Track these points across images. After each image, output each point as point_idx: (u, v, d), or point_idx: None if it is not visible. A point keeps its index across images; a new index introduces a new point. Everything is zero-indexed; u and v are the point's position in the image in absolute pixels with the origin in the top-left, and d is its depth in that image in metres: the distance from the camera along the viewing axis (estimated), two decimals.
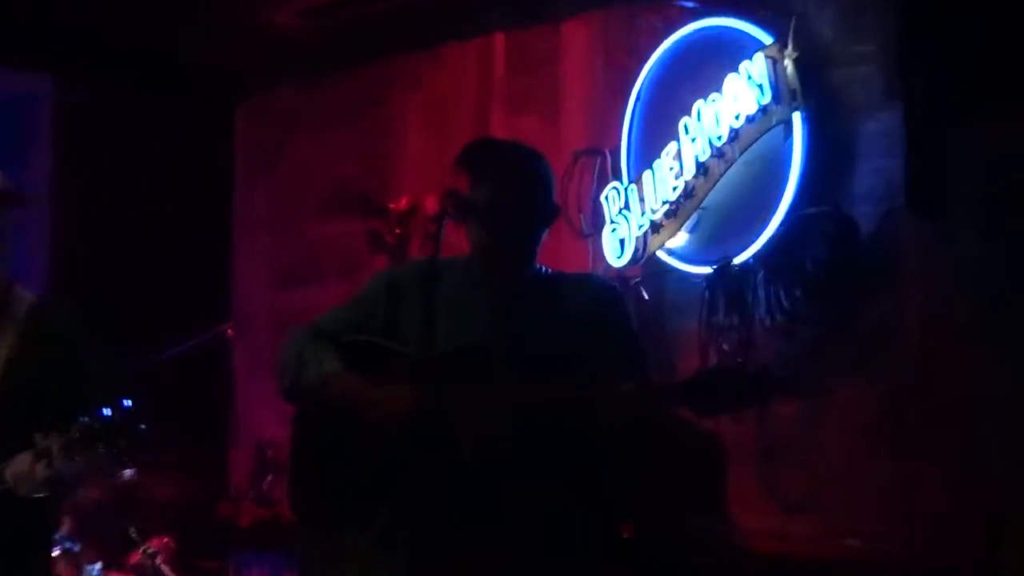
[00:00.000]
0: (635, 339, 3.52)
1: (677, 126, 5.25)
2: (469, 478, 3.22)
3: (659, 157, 5.33)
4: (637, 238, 5.40)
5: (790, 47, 4.91)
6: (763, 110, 4.98)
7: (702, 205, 5.22)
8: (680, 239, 5.33)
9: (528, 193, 3.41)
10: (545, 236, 3.49)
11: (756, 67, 4.98)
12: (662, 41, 5.42)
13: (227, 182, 7.51)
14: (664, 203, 5.32)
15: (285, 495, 3.58)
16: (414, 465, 3.22)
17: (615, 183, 5.53)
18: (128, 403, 3.34)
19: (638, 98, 5.52)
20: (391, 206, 6.49)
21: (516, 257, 3.45)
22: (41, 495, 3.45)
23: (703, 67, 5.25)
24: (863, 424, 4.77)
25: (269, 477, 6.76)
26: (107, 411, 3.31)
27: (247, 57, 7.14)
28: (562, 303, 3.43)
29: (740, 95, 5.02)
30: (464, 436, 3.21)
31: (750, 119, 5.01)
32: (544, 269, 3.51)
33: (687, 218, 5.27)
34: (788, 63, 4.91)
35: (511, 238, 3.42)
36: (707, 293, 5.20)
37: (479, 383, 3.25)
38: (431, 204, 6.23)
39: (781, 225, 4.95)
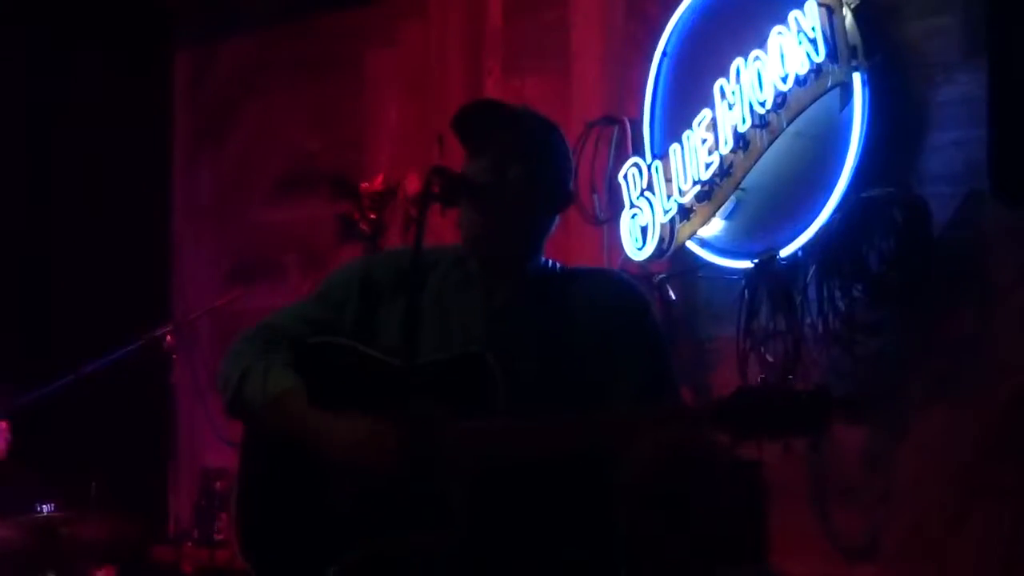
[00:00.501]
0: (666, 353, 3.43)
1: (712, 90, 5.23)
2: (459, 526, 3.12)
3: (690, 128, 5.31)
4: (662, 226, 5.37)
5: None
6: (816, 70, 4.94)
7: (741, 186, 5.20)
8: (714, 227, 5.32)
9: (537, 170, 3.32)
10: (555, 227, 3.41)
11: (808, 18, 4.94)
12: None
13: (165, 155, 7.46)
14: (695, 183, 5.29)
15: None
16: (391, 506, 3.12)
17: (636, 159, 5.50)
18: None
19: (665, 54, 5.51)
20: (364, 186, 6.48)
21: (519, 249, 3.37)
22: None
23: (744, 18, 5.23)
24: (940, 456, 4.73)
25: (217, 513, 6.67)
26: None
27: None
28: (574, 306, 3.34)
29: (788, 52, 4.99)
30: (451, 474, 3.11)
31: (800, 81, 4.98)
32: (552, 264, 3.43)
33: (723, 202, 5.25)
34: (847, 13, 4.88)
35: (514, 225, 3.33)
36: (747, 293, 5.18)
37: (471, 405, 3.16)
38: (412, 183, 6.23)
39: (837, 210, 4.93)
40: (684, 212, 5.32)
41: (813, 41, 4.92)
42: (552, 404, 3.16)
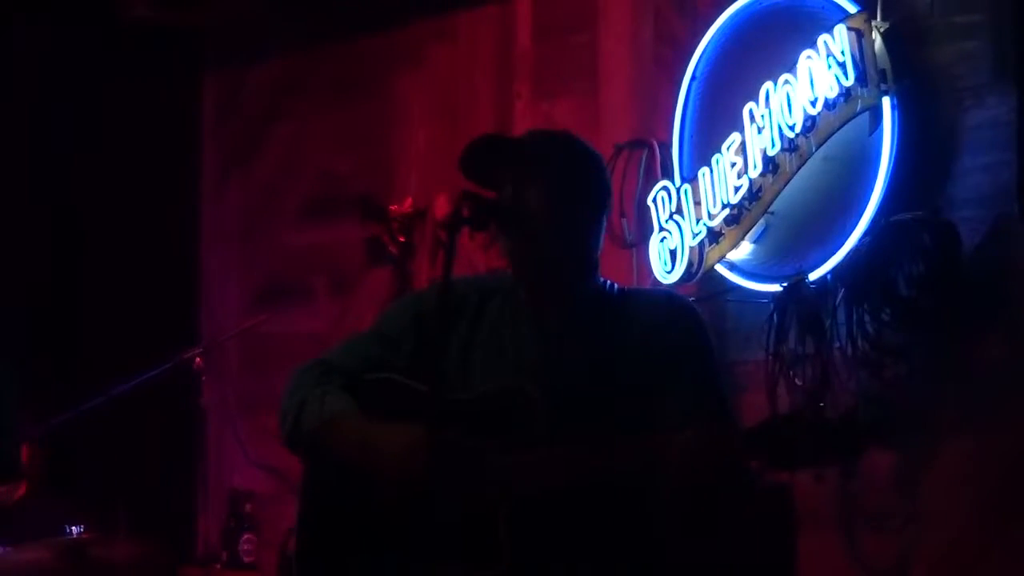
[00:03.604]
0: (716, 371, 3.43)
1: (741, 113, 5.21)
2: (504, 557, 3.15)
3: (719, 151, 5.29)
4: (691, 249, 5.36)
5: (879, 17, 4.88)
6: (845, 94, 4.93)
7: (770, 209, 5.18)
8: (743, 251, 5.30)
9: (555, 189, 3.31)
10: (602, 242, 3.43)
11: (838, 42, 4.93)
12: (724, 8, 5.39)
13: (194, 177, 7.48)
14: (724, 207, 5.28)
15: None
16: (440, 541, 3.15)
17: (665, 182, 5.49)
18: None
19: (694, 78, 5.49)
20: (393, 208, 6.46)
21: (563, 271, 3.38)
22: None
23: (773, 41, 5.22)
24: (970, 481, 4.70)
25: (245, 535, 6.71)
26: None
27: (213, 20, 7.15)
28: (627, 327, 3.35)
29: (818, 76, 4.98)
30: (501, 503, 3.15)
31: (830, 105, 4.97)
32: (609, 284, 3.45)
33: (752, 225, 5.23)
34: (876, 37, 4.87)
35: (548, 248, 3.33)
36: (776, 316, 5.15)
37: (522, 437, 3.17)
38: (441, 206, 6.22)
39: (866, 234, 4.91)
40: (713, 235, 5.30)
41: (842, 65, 4.90)
42: (606, 427, 3.19)
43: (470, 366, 3.32)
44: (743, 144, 5.21)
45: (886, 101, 4.86)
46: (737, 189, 5.23)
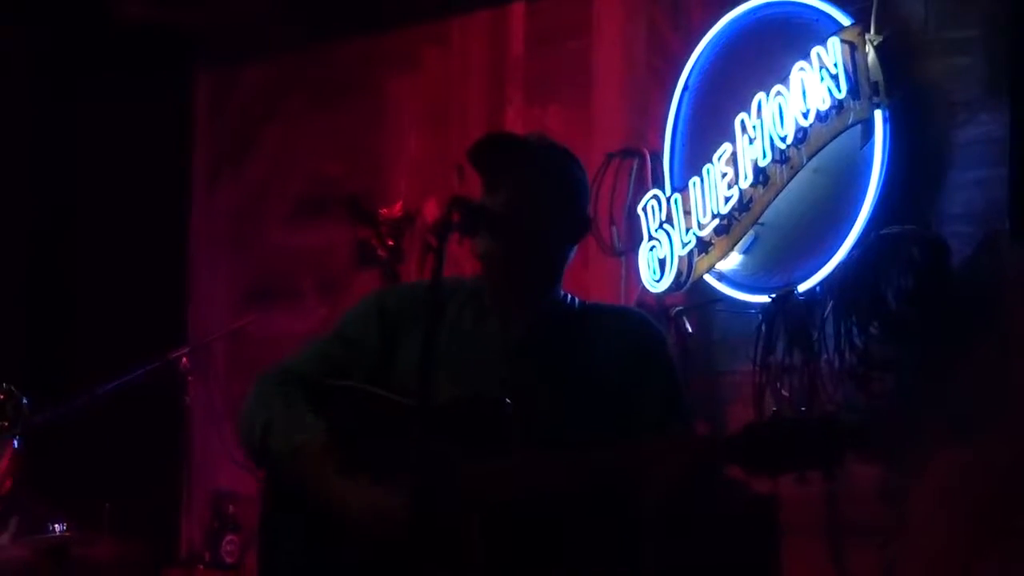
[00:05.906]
0: (680, 388, 3.42)
1: (732, 124, 5.22)
2: (477, 563, 3.11)
3: (710, 161, 5.29)
4: (681, 258, 5.36)
5: (872, 30, 4.89)
6: (838, 106, 4.94)
7: (760, 220, 5.19)
8: (733, 261, 5.30)
9: (555, 204, 3.31)
10: (573, 256, 3.40)
11: (831, 54, 4.94)
12: (717, 19, 5.40)
13: (184, 178, 7.46)
14: (714, 217, 5.28)
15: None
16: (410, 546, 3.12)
17: (656, 191, 5.48)
18: None
19: (686, 88, 5.49)
20: (383, 212, 6.46)
21: (537, 278, 3.36)
22: None
23: (766, 53, 5.22)
24: (956, 494, 4.70)
25: (228, 536, 6.69)
26: None
27: (207, 20, 7.14)
28: (591, 342, 3.34)
29: (810, 88, 4.99)
30: (467, 513, 3.11)
31: (822, 117, 4.97)
32: (571, 298, 3.42)
33: (742, 236, 5.24)
34: (870, 50, 4.88)
35: (532, 255, 3.32)
36: (764, 327, 5.16)
37: (486, 445, 3.15)
38: (431, 211, 6.20)
39: (856, 247, 4.91)
40: (702, 245, 5.30)
41: (835, 77, 4.91)
42: (569, 440, 3.15)
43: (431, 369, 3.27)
44: (734, 154, 5.21)
45: (878, 114, 4.87)
46: (727, 199, 5.23)
